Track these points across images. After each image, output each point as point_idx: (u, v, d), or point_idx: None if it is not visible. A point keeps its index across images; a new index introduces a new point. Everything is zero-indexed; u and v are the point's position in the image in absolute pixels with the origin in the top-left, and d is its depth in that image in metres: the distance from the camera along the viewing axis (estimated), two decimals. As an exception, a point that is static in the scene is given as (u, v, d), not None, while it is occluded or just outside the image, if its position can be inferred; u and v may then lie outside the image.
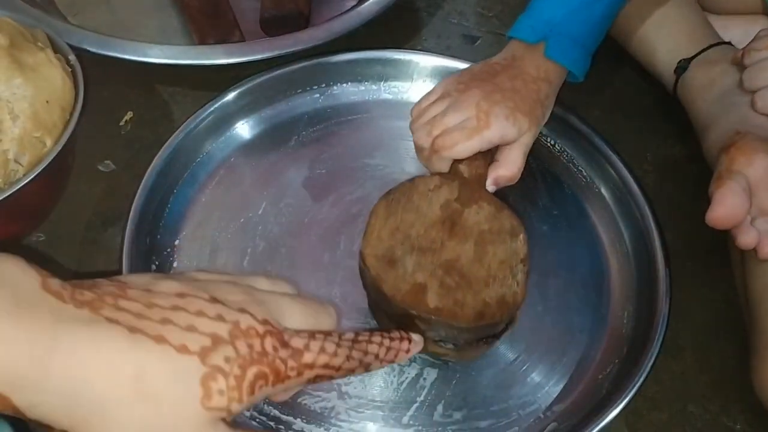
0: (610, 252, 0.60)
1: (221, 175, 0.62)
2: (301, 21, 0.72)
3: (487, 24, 0.78)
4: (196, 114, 0.62)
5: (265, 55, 0.65)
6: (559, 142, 0.66)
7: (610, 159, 0.62)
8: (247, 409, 0.30)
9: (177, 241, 0.58)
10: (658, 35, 0.66)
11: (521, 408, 0.50)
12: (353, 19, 0.69)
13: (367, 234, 0.47)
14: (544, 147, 0.65)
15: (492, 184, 0.53)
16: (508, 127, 0.51)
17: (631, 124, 0.70)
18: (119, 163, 0.63)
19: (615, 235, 0.60)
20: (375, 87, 0.69)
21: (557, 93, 0.56)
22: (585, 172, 0.64)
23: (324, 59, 0.67)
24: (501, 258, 0.47)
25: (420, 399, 0.51)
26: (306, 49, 0.66)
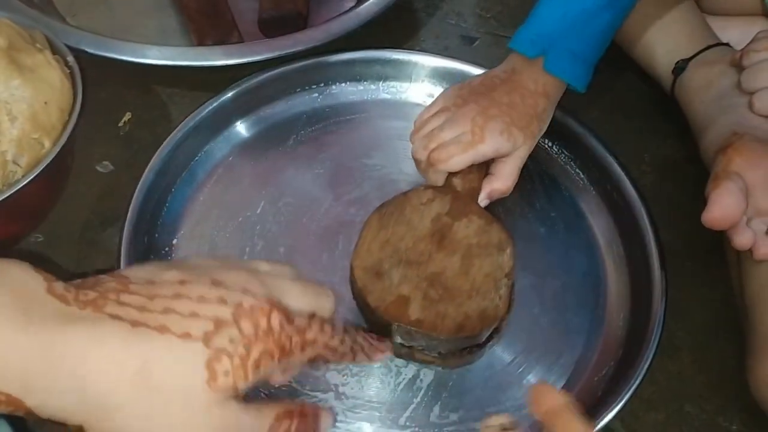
0: (606, 254, 0.60)
1: (219, 174, 0.62)
2: (300, 22, 0.72)
3: (485, 25, 0.78)
4: (195, 113, 0.62)
5: (263, 56, 0.65)
6: (557, 144, 0.66)
7: (606, 161, 0.62)
8: (254, 387, 0.31)
9: (175, 241, 0.58)
10: (657, 36, 0.66)
11: (517, 410, 0.50)
12: (352, 19, 0.69)
13: (358, 246, 0.49)
14: (542, 149, 0.65)
15: (486, 198, 0.54)
16: (502, 142, 0.52)
17: (630, 125, 0.70)
18: (118, 163, 0.63)
19: (611, 236, 0.61)
20: (374, 87, 0.69)
21: (555, 106, 0.56)
22: (582, 174, 0.64)
23: (323, 59, 0.67)
24: (486, 271, 0.48)
25: (417, 400, 0.51)
26: (304, 50, 0.66)
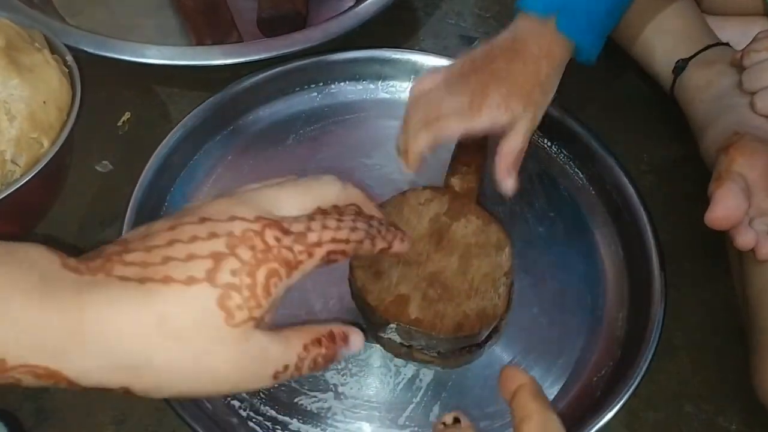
0: (605, 254, 0.60)
1: (219, 173, 0.62)
2: (299, 21, 0.72)
3: (484, 25, 0.78)
4: (194, 112, 0.62)
5: (262, 56, 0.65)
6: (556, 144, 0.66)
7: (606, 161, 0.62)
8: (274, 307, 0.31)
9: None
10: (657, 35, 0.66)
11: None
12: (351, 19, 0.69)
13: None
14: (541, 148, 0.66)
15: (505, 170, 0.52)
16: (499, 115, 0.51)
17: (629, 125, 0.70)
18: (117, 163, 0.63)
19: (610, 237, 0.61)
20: (373, 86, 0.69)
21: (561, 76, 0.54)
22: (581, 174, 0.64)
23: (322, 58, 0.67)
24: (485, 271, 0.48)
25: (416, 400, 0.51)
26: (303, 50, 0.66)
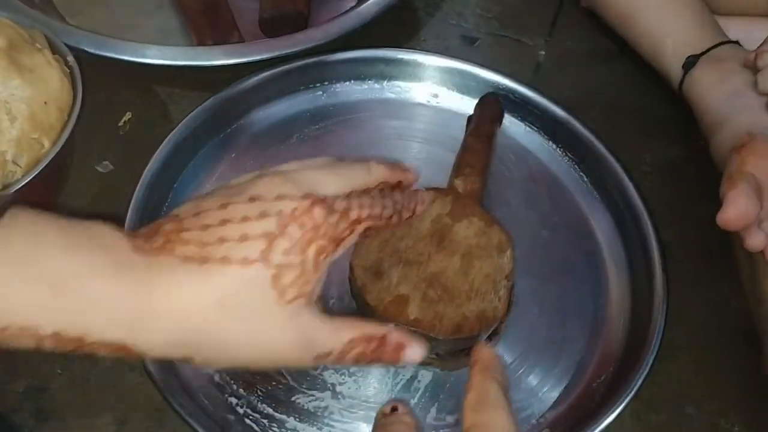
0: (608, 259, 0.59)
1: (220, 173, 0.62)
2: (300, 22, 0.72)
3: (486, 25, 0.78)
4: (195, 112, 0.61)
5: (263, 56, 0.65)
6: (560, 146, 0.65)
7: (609, 164, 0.61)
8: (320, 283, 0.34)
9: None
10: (667, 29, 0.65)
11: (516, 412, 0.50)
12: (352, 19, 0.69)
13: (357, 245, 0.49)
14: (545, 150, 0.65)
15: None
16: None
17: (630, 125, 0.69)
18: (117, 163, 0.63)
19: (614, 242, 0.60)
20: (378, 86, 0.68)
21: None
22: (586, 177, 0.63)
23: (327, 57, 0.66)
24: (486, 272, 0.48)
25: (414, 401, 0.51)
26: (304, 50, 0.66)
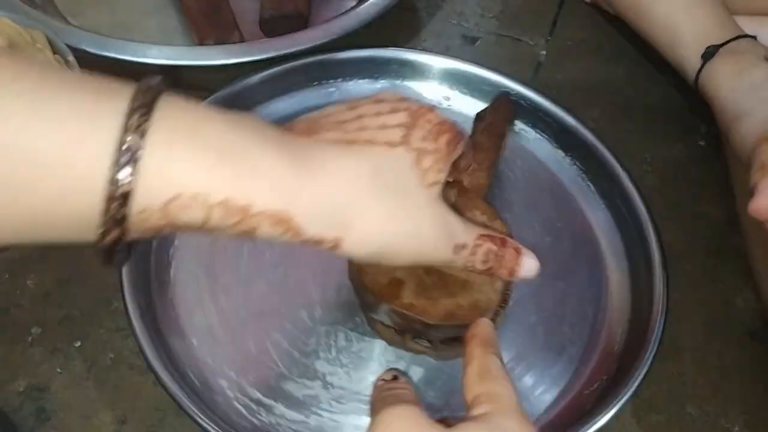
0: (609, 266, 0.59)
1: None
2: (301, 22, 0.72)
3: (486, 25, 0.78)
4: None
5: (264, 56, 0.64)
6: (569, 154, 0.65)
7: (613, 169, 0.61)
8: (446, 174, 0.35)
9: (176, 241, 0.57)
10: (686, 17, 0.64)
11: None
12: (352, 19, 0.69)
13: None
14: (550, 154, 0.65)
15: None
16: None
17: (631, 125, 0.69)
18: (118, 163, 0.63)
19: (614, 242, 0.60)
20: (390, 86, 0.68)
21: None
22: (591, 185, 0.63)
23: (330, 56, 0.66)
24: None
25: (405, 396, 0.51)
26: (305, 50, 0.66)
